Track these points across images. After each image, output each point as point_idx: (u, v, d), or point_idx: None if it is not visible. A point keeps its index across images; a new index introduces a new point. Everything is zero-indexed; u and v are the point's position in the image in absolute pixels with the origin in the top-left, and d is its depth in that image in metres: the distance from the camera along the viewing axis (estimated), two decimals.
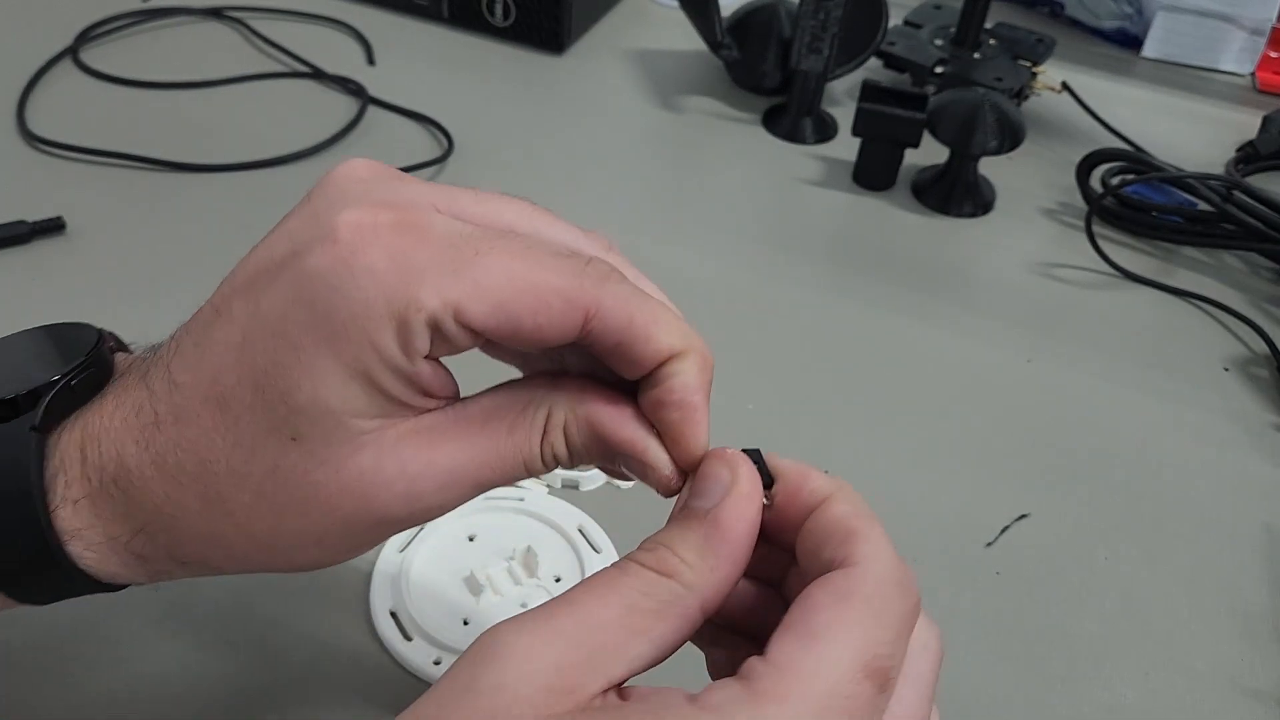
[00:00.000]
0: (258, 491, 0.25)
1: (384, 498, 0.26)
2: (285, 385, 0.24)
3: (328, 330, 0.24)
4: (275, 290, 0.25)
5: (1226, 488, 0.48)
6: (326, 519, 0.26)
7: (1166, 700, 0.39)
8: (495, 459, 0.26)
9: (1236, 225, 0.59)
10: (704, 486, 0.26)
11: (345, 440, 0.25)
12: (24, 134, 0.61)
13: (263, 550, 0.27)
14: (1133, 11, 0.80)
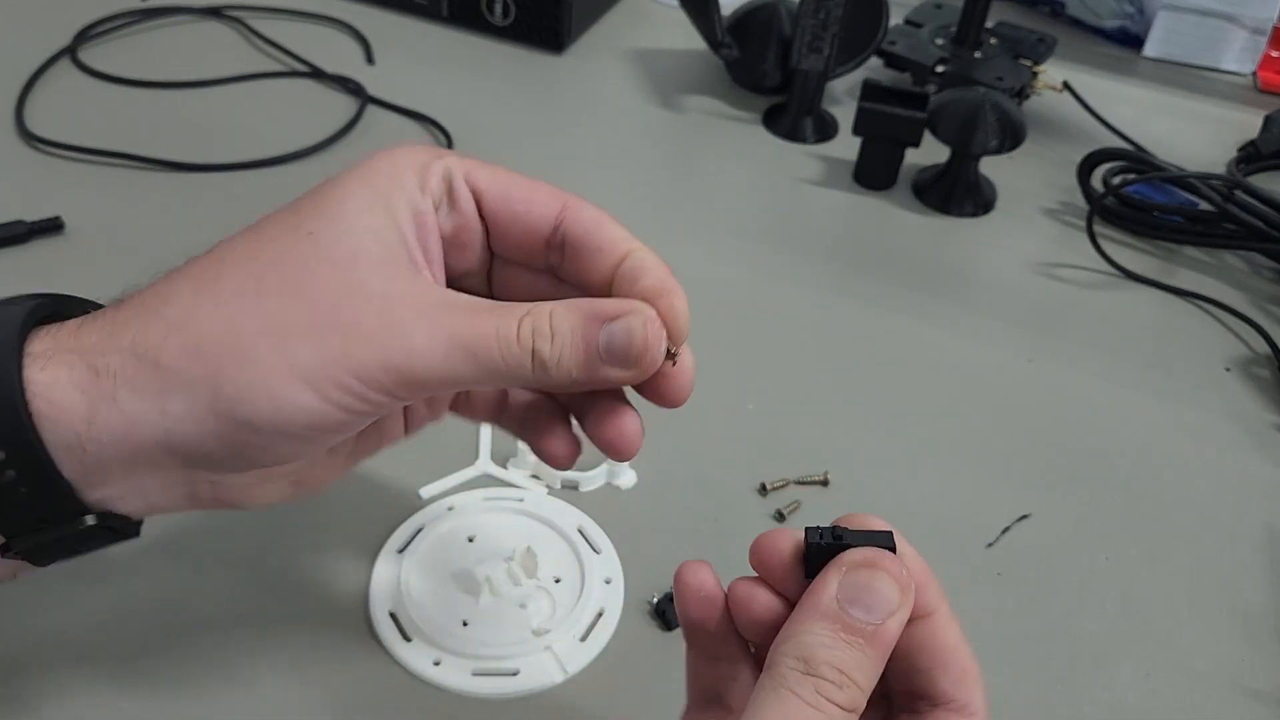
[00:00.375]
0: (255, 273, 0.28)
1: (361, 307, 0.27)
2: (318, 198, 0.29)
3: (365, 173, 0.29)
4: (330, 181, 0.30)
5: (1227, 488, 0.48)
6: (302, 310, 0.27)
7: (1167, 701, 0.39)
8: (473, 319, 0.28)
9: (1238, 225, 0.59)
10: (868, 600, 0.26)
11: (351, 246, 0.28)
12: (23, 133, 0.61)
13: (226, 338, 0.27)
14: (1134, 11, 0.80)
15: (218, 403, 0.27)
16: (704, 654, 0.29)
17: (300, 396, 0.27)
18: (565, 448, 0.33)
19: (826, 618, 0.26)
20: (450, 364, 0.27)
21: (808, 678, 0.25)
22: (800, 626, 0.26)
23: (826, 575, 0.26)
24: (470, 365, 0.27)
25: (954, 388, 0.51)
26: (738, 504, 0.45)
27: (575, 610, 0.39)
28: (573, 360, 0.28)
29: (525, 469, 0.45)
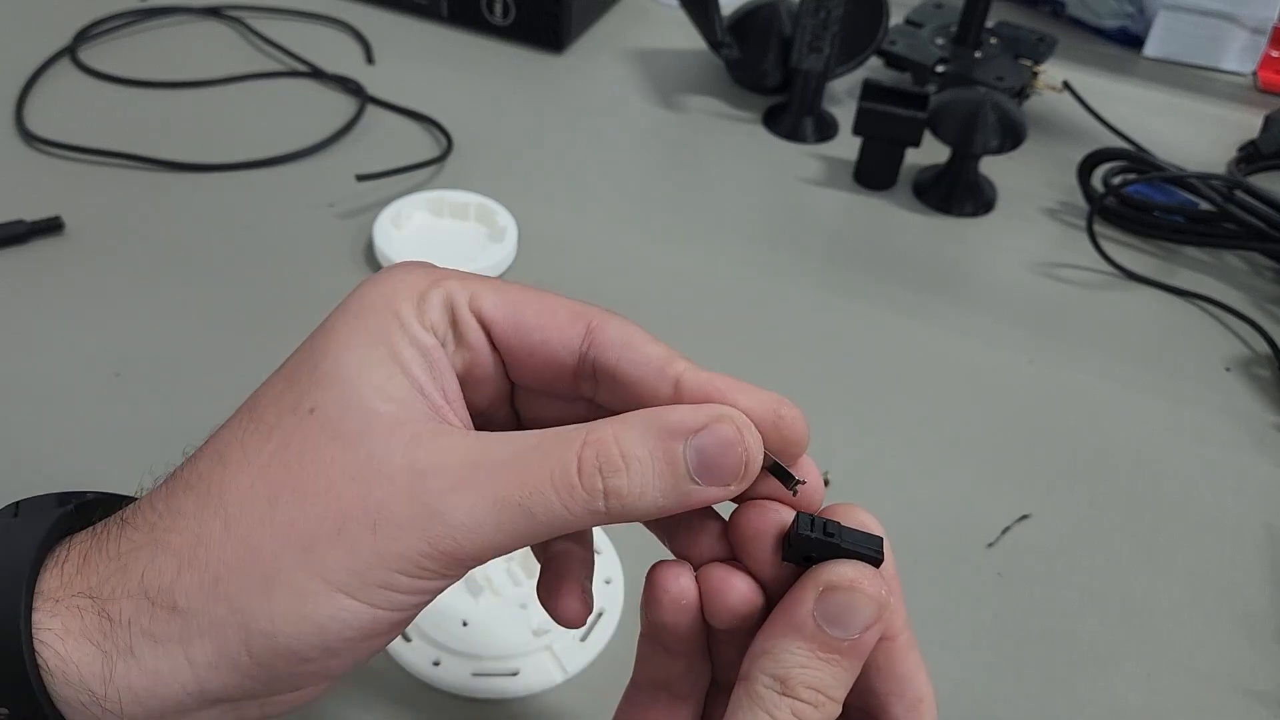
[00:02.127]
0: (260, 473, 0.24)
1: (385, 491, 0.23)
2: (313, 360, 0.25)
3: (359, 309, 0.26)
4: (327, 322, 0.26)
5: (1228, 488, 0.48)
6: (320, 510, 0.23)
7: (1168, 701, 0.39)
8: (520, 466, 0.24)
9: (1238, 225, 0.59)
10: (843, 617, 0.24)
11: (359, 416, 0.24)
12: (22, 133, 0.61)
13: (244, 563, 0.23)
14: (1134, 10, 0.80)
15: (252, 641, 0.23)
16: (661, 646, 0.28)
17: (343, 611, 0.23)
18: (581, 608, 0.29)
19: (803, 635, 0.25)
20: (504, 531, 0.23)
21: (784, 699, 0.24)
22: (776, 642, 0.25)
23: (803, 589, 0.25)
24: (529, 524, 0.23)
25: (954, 388, 0.51)
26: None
27: None
28: (659, 489, 0.24)
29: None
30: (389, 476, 0.23)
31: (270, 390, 0.25)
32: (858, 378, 0.51)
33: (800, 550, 0.25)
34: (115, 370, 0.47)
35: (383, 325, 0.25)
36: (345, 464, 0.23)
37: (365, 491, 0.23)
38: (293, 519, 0.23)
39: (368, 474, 0.23)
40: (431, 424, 0.24)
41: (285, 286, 0.53)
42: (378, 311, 0.25)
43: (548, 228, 0.57)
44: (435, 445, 0.24)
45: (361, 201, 0.58)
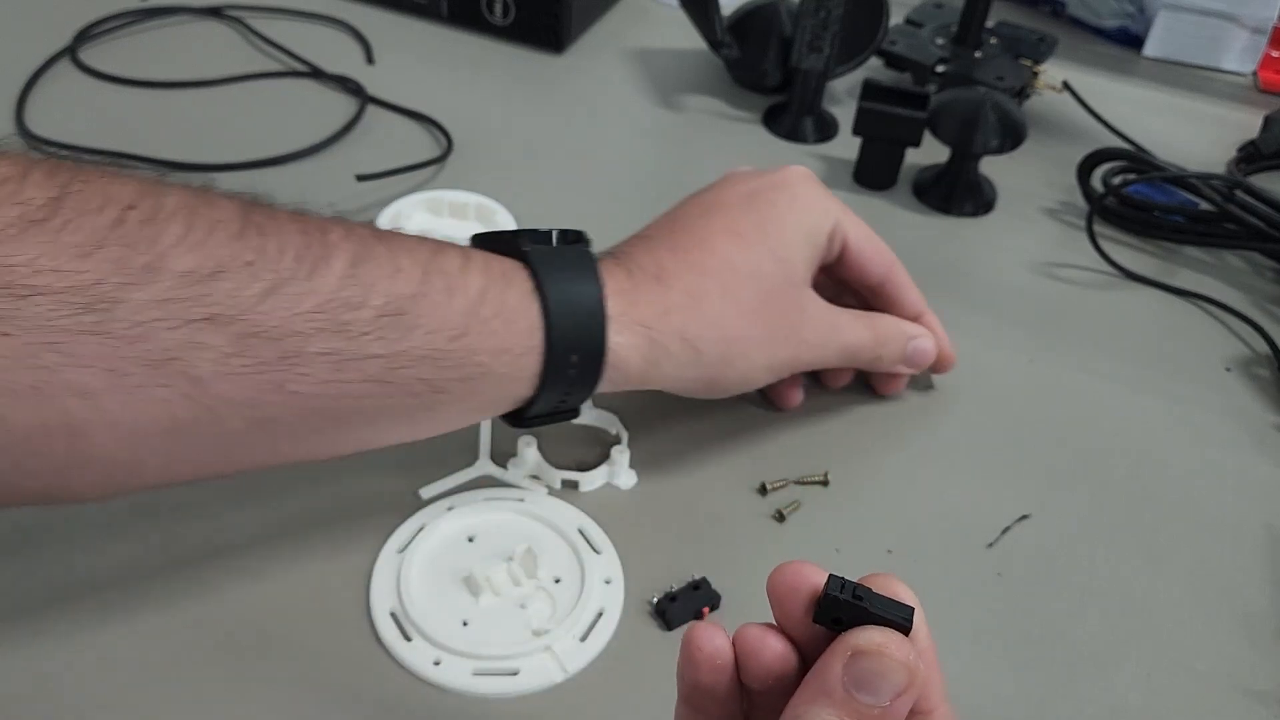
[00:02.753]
0: (757, 291, 0.42)
1: (813, 324, 0.44)
2: (780, 228, 0.43)
3: (802, 208, 0.44)
4: (768, 194, 0.44)
5: (1228, 488, 0.48)
6: (784, 324, 0.43)
7: (1168, 701, 0.39)
8: (855, 332, 0.45)
9: (1238, 225, 0.59)
10: (872, 683, 0.25)
11: (801, 276, 0.43)
12: (23, 133, 0.61)
13: (744, 336, 0.42)
14: (1134, 10, 0.80)
15: (715, 382, 0.42)
16: (697, 709, 0.28)
17: (764, 379, 0.44)
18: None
19: (833, 701, 0.25)
20: (839, 359, 0.46)
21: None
22: (806, 708, 0.25)
23: (833, 654, 0.25)
24: (846, 359, 0.46)
25: (954, 387, 0.51)
26: (738, 504, 0.45)
27: (575, 610, 0.39)
28: (891, 361, 0.47)
29: (525, 469, 0.45)
30: (811, 318, 0.44)
31: (745, 226, 0.43)
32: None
33: (829, 613, 0.26)
34: None
35: (815, 227, 0.44)
36: (792, 304, 0.43)
37: (800, 324, 0.43)
38: (763, 329, 0.42)
39: (801, 314, 0.43)
40: (816, 295, 0.44)
41: None
42: (814, 214, 0.44)
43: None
44: (821, 305, 0.44)
45: (362, 201, 0.58)
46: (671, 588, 0.40)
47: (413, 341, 0.34)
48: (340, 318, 0.33)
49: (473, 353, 0.35)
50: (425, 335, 0.34)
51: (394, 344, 0.34)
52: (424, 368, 0.35)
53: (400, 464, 0.44)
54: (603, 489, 0.45)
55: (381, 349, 0.33)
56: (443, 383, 0.35)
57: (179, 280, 0.30)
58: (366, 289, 0.33)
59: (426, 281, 0.35)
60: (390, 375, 0.34)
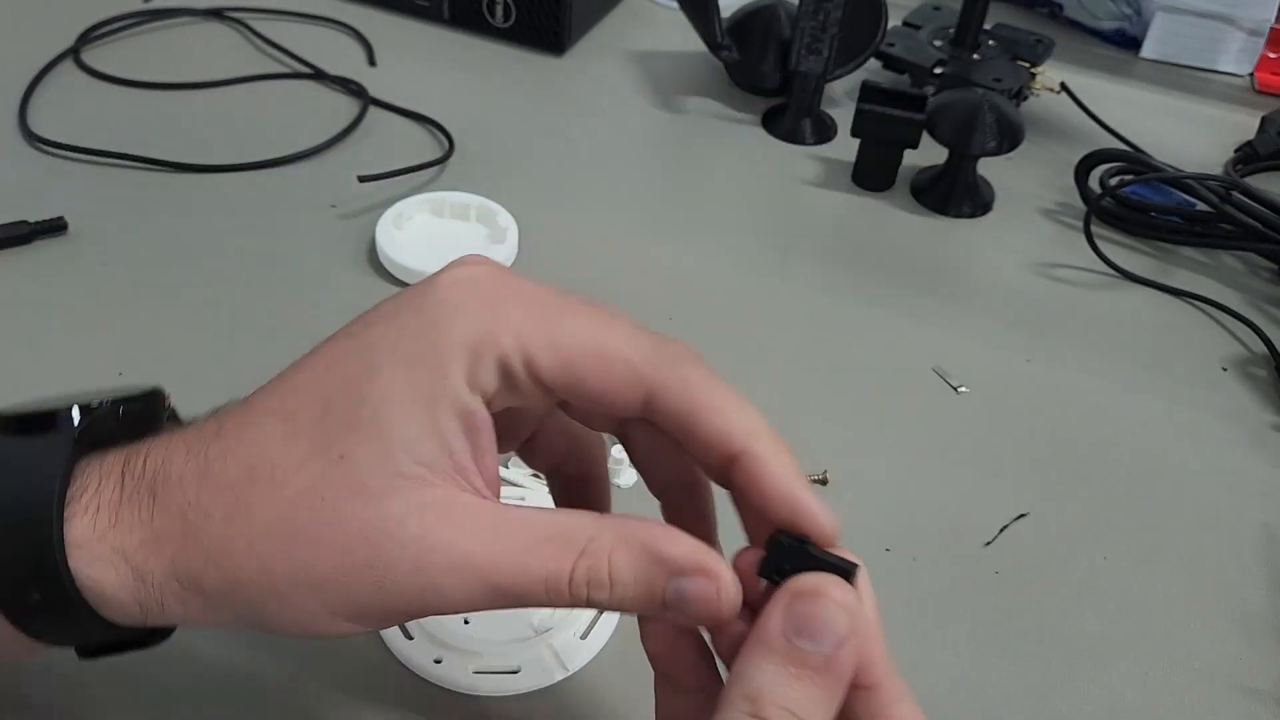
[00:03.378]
0: (285, 508, 0.25)
1: (394, 556, 0.25)
2: (353, 401, 0.26)
3: (408, 354, 0.26)
4: (372, 328, 0.27)
5: (1225, 487, 0.48)
6: (334, 559, 0.25)
7: (1166, 700, 0.39)
8: (518, 564, 0.25)
9: (1235, 225, 0.59)
10: (815, 629, 0.24)
11: (385, 474, 0.25)
12: (26, 134, 0.61)
13: (262, 581, 0.26)
14: (1131, 12, 0.80)
15: (264, 626, 0.27)
16: (673, 685, 0.28)
17: (342, 628, 0.26)
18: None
19: (773, 651, 0.24)
20: (492, 605, 0.26)
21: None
22: (747, 662, 0.24)
23: (774, 603, 0.24)
24: (514, 604, 0.26)
25: (953, 387, 0.51)
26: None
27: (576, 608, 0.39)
28: (633, 606, 0.26)
29: (526, 468, 0.45)
30: (401, 544, 0.25)
31: (308, 401, 0.26)
32: (856, 378, 0.51)
33: (774, 562, 0.25)
34: (119, 370, 0.48)
35: (430, 385, 0.25)
36: (363, 522, 0.25)
37: (376, 554, 0.25)
38: (308, 561, 0.25)
39: (382, 537, 0.25)
40: (451, 493, 0.25)
41: (288, 287, 0.53)
42: (428, 368, 0.26)
43: (548, 229, 0.58)
44: (449, 519, 0.25)
45: (364, 203, 0.58)
46: None
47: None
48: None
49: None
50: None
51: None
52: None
53: None
54: None
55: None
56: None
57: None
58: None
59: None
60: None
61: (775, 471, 0.26)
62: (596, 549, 0.25)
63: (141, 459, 0.27)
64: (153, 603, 0.26)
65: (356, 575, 0.25)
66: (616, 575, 0.25)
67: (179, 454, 0.27)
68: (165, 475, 0.27)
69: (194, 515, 0.26)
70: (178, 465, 0.27)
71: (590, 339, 0.26)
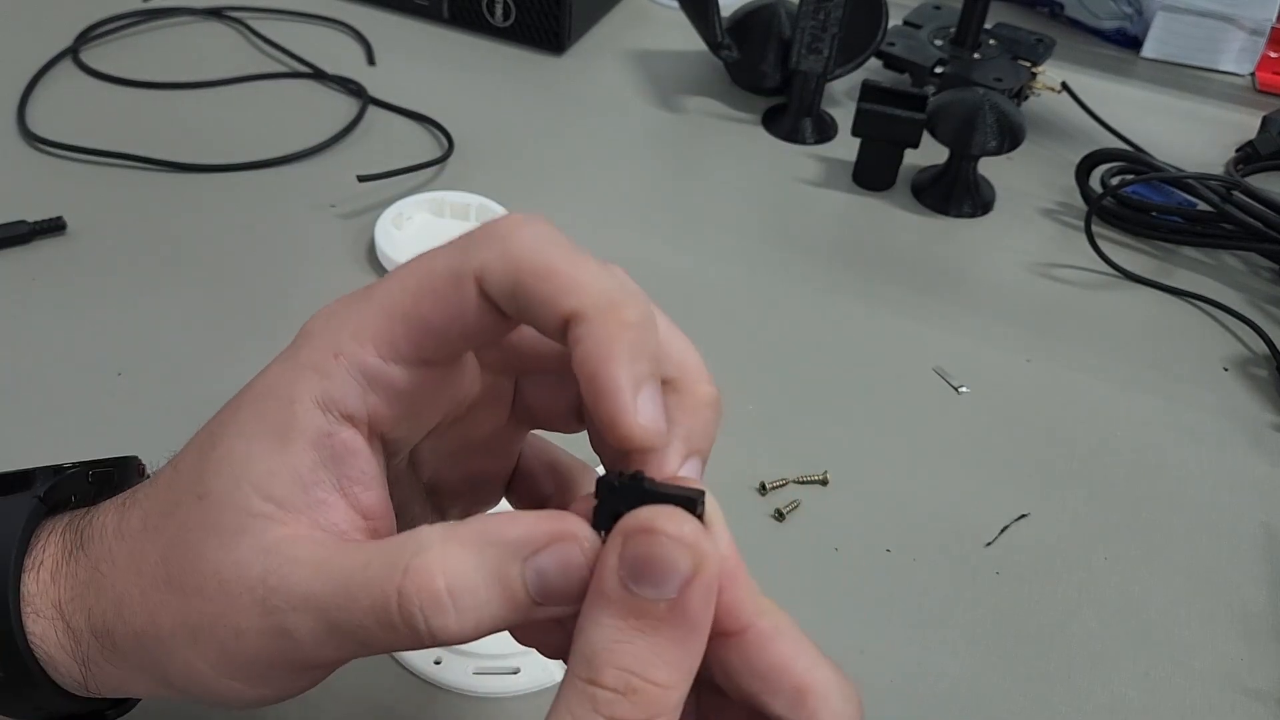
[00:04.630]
0: (164, 552, 0.25)
1: (244, 600, 0.23)
2: (215, 441, 0.25)
3: (263, 391, 0.25)
4: (248, 384, 0.26)
5: (1225, 487, 0.48)
6: (200, 605, 0.24)
7: (1166, 699, 0.39)
8: (344, 598, 0.22)
9: (1236, 225, 0.59)
10: (653, 572, 0.20)
11: (236, 513, 0.24)
12: (24, 134, 0.61)
13: (152, 631, 0.25)
14: (1132, 12, 0.80)
15: (170, 687, 0.26)
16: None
17: (233, 689, 0.25)
18: None
19: (610, 602, 0.21)
20: (345, 651, 0.23)
21: (587, 688, 0.20)
22: (585, 618, 0.21)
23: (606, 553, 0.21)
24: (367, 649, 0.23)
25: (953, 387, 0.51)
26: (737, 503, 0.45)
27: None
28: (495, 617, 0.22)
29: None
30: (249, 588, 0.23)
31: (191, 448, 0.26)
32: (856, 377, 0.51)
33: (608, 509, 0.21)
34: (118, 370, 0.48)
35: (278, 414, 0.24)
36: (218, 565, 0.24)
37: (229, 600, 0.23)
38: (181, 608, 0.24)
39: (233, 581, 0.23)
40: (300, 531, 0.24)
41: (287, 287, 0.53)
42: (276, 398, 0.24)
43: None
44: (290, 558, 0.23)
45: (363, 202, 0.58)
46: None
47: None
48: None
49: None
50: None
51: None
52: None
53: None
54: None
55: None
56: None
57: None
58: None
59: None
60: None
61: (593, 338, 0.22)
62: (421, 565, 0.21)
63: (88, 517, 0.27)
64: (86, 662, 0.26)
65: (220, 621, 0.24)
66: (456, 584, 0.21)
67: (111, 509, 0.26)
68: (92, 530, 0.26)
69: (104, 566, 0.26)
70: (104, 519, 0.26)
71: (411, 276, 0.24)
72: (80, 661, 0.26)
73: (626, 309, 0.22)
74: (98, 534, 0.26)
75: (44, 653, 0.26)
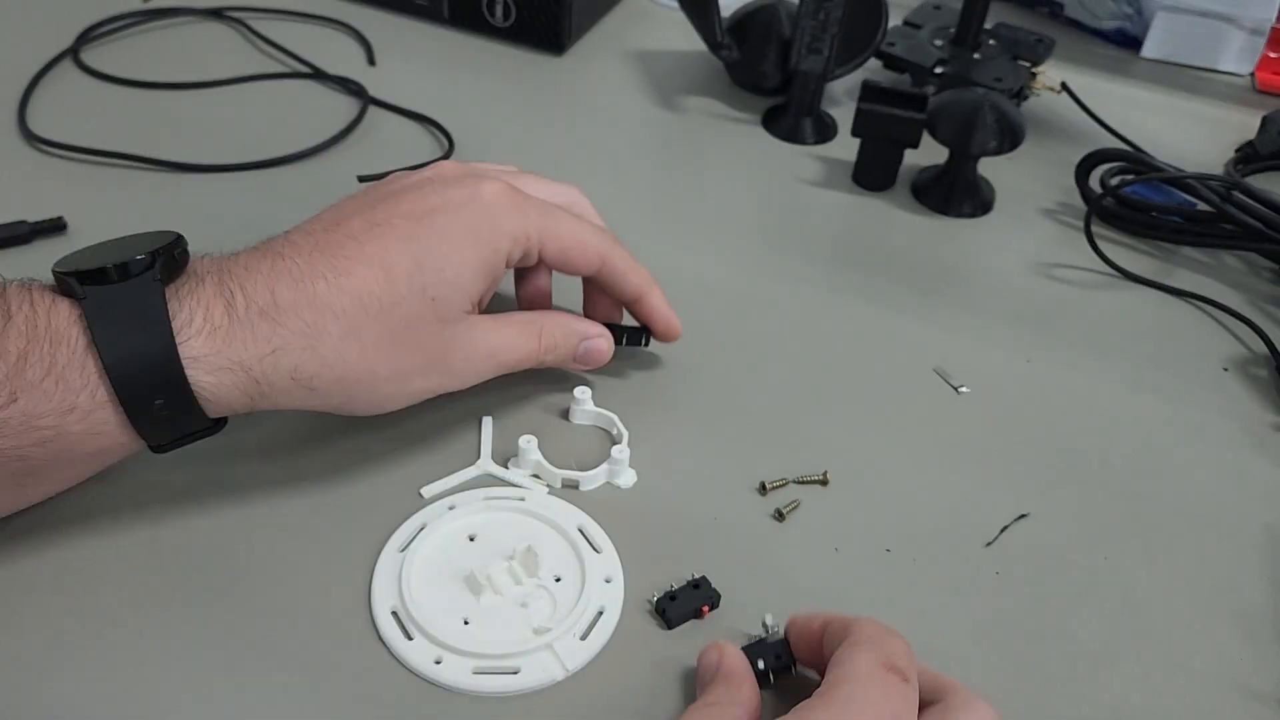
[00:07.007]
0: (391, 329, 0.39)
1: (456, 353, 0.41)
2: (440, 263, 0.40)
3: (475, 239, 0.41)
4: (437, 214, 0.40)
5: (1226, 488, 0.48)
6: (421, 359, 0.40)
7: (1166, 701, 0.39)
8: (514, 348, 0.44)
9: (1236, 225, 0.59)
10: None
11: (456, 310, 0.41)
12: (25, 134, 0.61)
13: (366, 377, 0.39)
14: (1132, 12, 0.80)
15: (344, 407, 0.40)
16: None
17: (406, 402, 0.42)
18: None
19: (869, 644, 0.34)
20: (498, 372, 0.44)
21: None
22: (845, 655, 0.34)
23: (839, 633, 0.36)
24: (506, 370, 0.44)
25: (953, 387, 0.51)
26: (737, 503, 0.45)
27: (575, 609, 0.39)
28: (560, 361, 0.46)
29: (526, 468, 0.45)
30: (459, 347, 0.41)
31: (400, 260, 0.39)
32: (856, 377, 0.51)
33: (619, 334, 0.49)
34: None
35: (489, 260, 0.41)
36: (440, 338, 0.41)
37: (447, 351, 0.41)
38: (402, 362, 0.40)
39: (449, 347, 0.41)
40: (476, 317, 0.42)
41: None
42: (489, 248, 0.41)
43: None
44: (482, 333, 0.42)
45: None
46: (671, 586, 0.40)
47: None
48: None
49: (32, 417, 0.34)
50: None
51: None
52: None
53: (401, 463, 0.44)
54: (603, 488, 0.45)
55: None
56: (17, 450, 0.35)
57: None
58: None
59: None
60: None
61: (659, 304, 0.47)
62: (548, 328, 0.45)
63: (247, 285, 0.37)
64: (264, 392, 0.37)
65: (433, 370, 0.41)
66: (558, 341, 0.45)
67: (285, 282, 0.37)
68: (274, 300, 0.37)
69: (312, 331, 0.37)
70: (286, 294, 0.37)
71: (573, 232, 0.44)
72: (254, 399, 0.37)
73: (655, 285, 0.48)
74: (289, 309, 0.37)
75: (212, 395, 0.36)
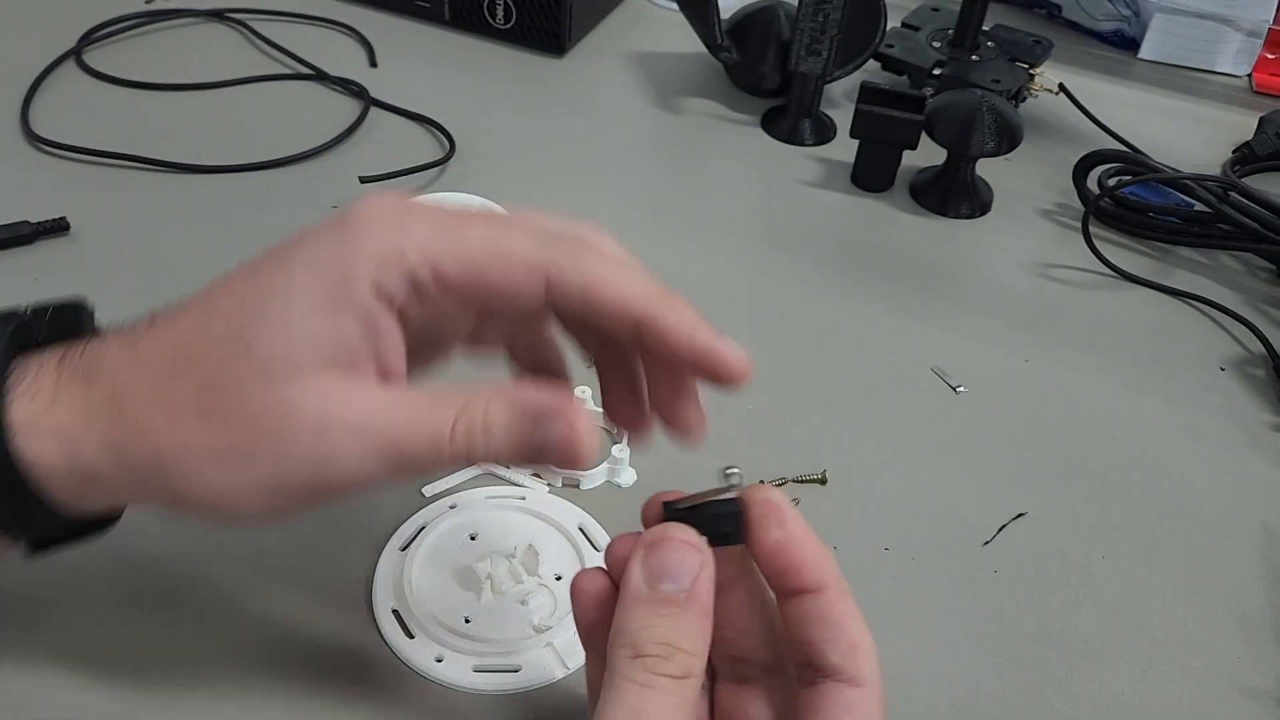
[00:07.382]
0: (201, 386, 0.29)
1: (295, 426, 0.28)
2: (266, 297, 0.29)
3: (315, 263, 0.29)
4: (292, 244, 0.30)
5: (1223, 487, 0.48)
6: (241, 432, 0.28)
7: (1164, 699, 0.40)
8: (404, 424, 0.28)
9: (1233, 226, 0.59)
10: (671, 571, 0.28)
11: (287, 361, 0.28)
12: (28, 135, 0.61)
13: (179, 453, 0.29)
14: (1130, 13, 0.81)
15: (178, 505, 0.30)
16: (600, 653, 0.29)
17: (245, 507, 0.29)
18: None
19: (639, 601, 0.28)
20: (383, 471, 0.29)
21: (636, 660, 0.27)
22: (622, 615, 0.28)
23: (631, 563, 0.28)
24: (403, 468, 0.29)
25: (951, 387, 0.52)
26: None
27: None
28: (508, 454, 0.29)
29: (526, 469, 0.45)
30: (300, 421, 0.28)
31: (226, 298, 0.30)
32: (855, 378, 0.52)
33: (672, 517, 0.30)
34: None
35: (336, 285, 0.28)
36: (267, 402, 0.28)
37: (279, 425, 0.28)
38: (218, 433, 0.28)
39: (283, 416, 0.28)
40: (347, 379, 0.29)
41: None
42: (335, 270, 0.28)
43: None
44: (343, 400, 0.28)
45: None
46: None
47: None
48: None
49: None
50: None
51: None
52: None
53: None
54: (603, 487, 0.45)
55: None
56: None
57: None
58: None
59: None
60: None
61: (676, 324, 0.29)
62: (472, 404, 0.29)
63: (78, 352, 0.30)
64: (88, 471, 0.29)
65: (261, 446, 0.28)
66: (490, 421, 0.29)
67: (112, 347, 0.30)
68: (99, 363, 0.30)
69: (122, 395, 0.29)
70: (110, 355, 0.30)
71: (489, 240, 0.29)
72: (77, 475, 0.29)
73: (673, 296, 0.30)
74: (110, 367, 0.30)
75: (40, 469, 0.29)
